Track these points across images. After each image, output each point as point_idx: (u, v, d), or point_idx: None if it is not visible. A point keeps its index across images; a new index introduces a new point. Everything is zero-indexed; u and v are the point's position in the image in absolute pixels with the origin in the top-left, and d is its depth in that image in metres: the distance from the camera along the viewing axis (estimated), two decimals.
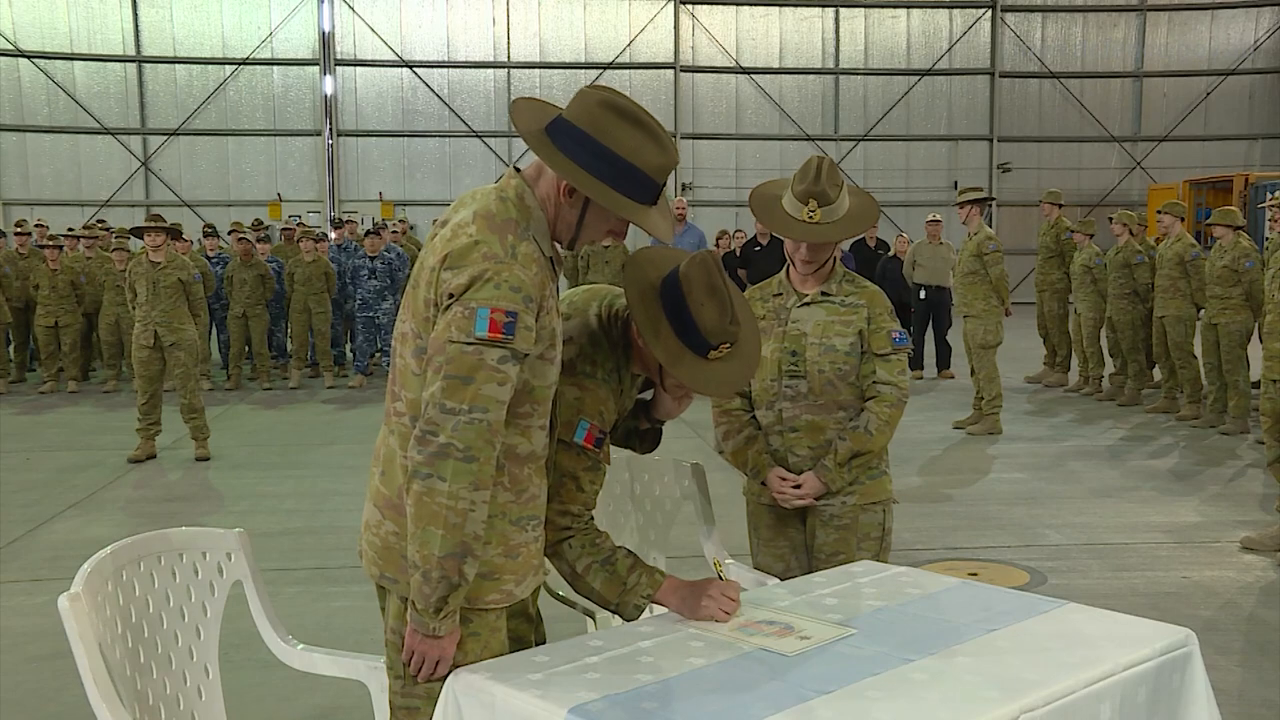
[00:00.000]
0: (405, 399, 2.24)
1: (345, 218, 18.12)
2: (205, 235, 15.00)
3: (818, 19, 24.64)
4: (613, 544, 2.49)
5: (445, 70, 23.70)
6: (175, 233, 9.29)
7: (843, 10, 24.62)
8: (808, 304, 3.36)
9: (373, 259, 12.95)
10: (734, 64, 24.31)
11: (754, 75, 24.42)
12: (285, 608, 4.40)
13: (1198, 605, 5.19)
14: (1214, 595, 5.35)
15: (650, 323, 2.39)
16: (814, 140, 24.29)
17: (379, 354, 13.51)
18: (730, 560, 3.37)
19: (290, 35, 23.20)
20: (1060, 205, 12.18)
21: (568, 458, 2.43)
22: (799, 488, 3.30)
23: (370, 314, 12.96)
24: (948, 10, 24.88)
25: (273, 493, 7.71)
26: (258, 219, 18.59)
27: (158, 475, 8.33)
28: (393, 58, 23.46)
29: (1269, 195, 11.65)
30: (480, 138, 23.70)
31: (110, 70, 22.84)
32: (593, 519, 2.52)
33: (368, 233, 13.62)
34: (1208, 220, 10.17)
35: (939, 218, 13.21)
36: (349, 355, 14.11)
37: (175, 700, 2.56)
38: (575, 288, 2.65)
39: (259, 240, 14.41)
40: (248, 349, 13.39)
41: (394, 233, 15.26)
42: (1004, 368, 10.05)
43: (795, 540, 3.44)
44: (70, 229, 15.82)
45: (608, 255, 11.26)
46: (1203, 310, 9.76)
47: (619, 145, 2.16)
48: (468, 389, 2.07)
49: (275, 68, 23.30)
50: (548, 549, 2.46)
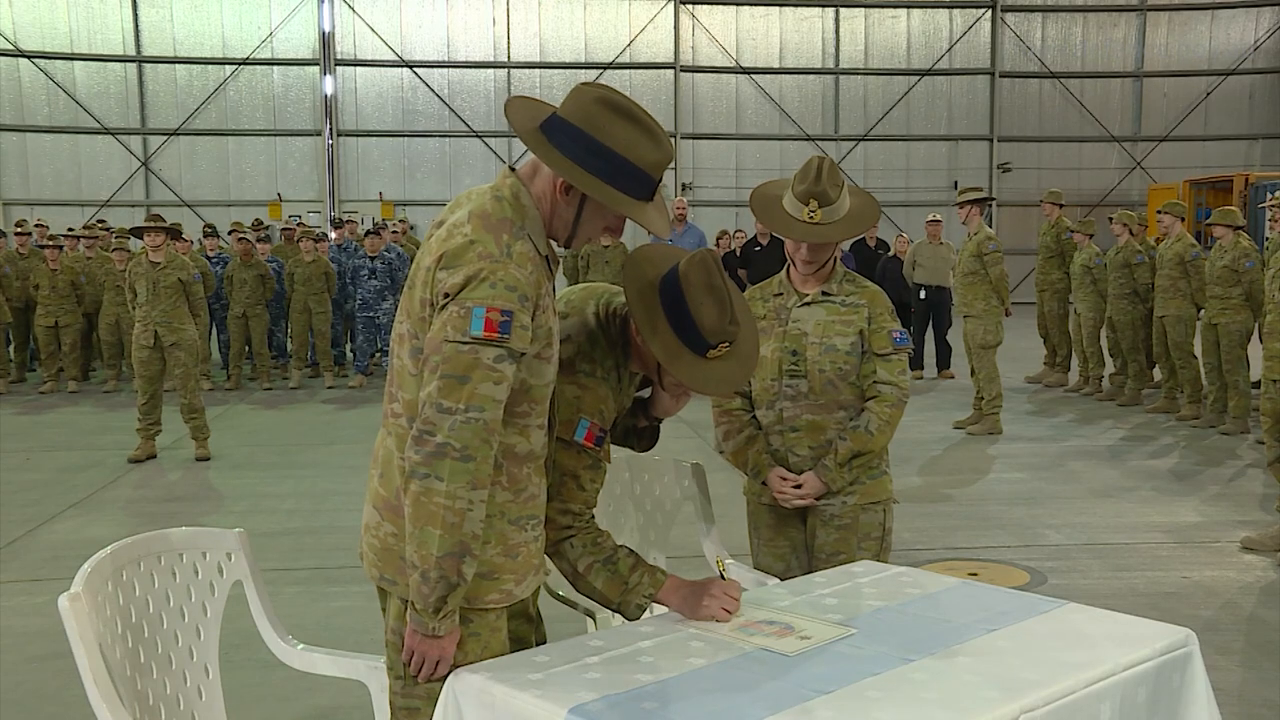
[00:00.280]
0: (402, 400, 2.23)
1: (345, 218, 18.11)
2: (205, 235, 15.00)
3: (818, 19, 24.64)
4: (614, 543, 2.49)
5: (445, 70, 23.69)
6: (175, 233, 9.30)
7: (843, 10, 24.61)
8: (808, 304, 3.36)
9: (373, 259, 12.95)
10: (734, 64, 24.30)
11: (754, 75, 24.41)
12: (285, 608, 4.40)
13: (1198, 605, 5.19)
14: (1214, 595, 5.35)
15: (649, 321, 2.39)
16: (814, 140, 24.28)
17: (379, 354, 13.51)
18: (730, 560, 3.36)
19: (290, 35, 23.20)
20: (1061, 205, 12.18)
21: (568, 456, 2.43)
22: (799, 487, 3.30)
23: (370, 314, 12.96)
24: (948, 10, 24.88)
25: (273, 493, 7.70)
26: (258, 219, 18.59)
27: (158, 475, 8.33)
28: (393, 58, 23.45)
29: (1269, 195, 11.65)
30: (480, 138, 23.69)
31: (110, 70, 22.84)
32: (594, 518, 2.52)
33: (368, 233, 13.63)
34: (1208, 220, 10.16)
35: (939, 218, 13.21)
36: (349, 355, 14.11)
37: (175, 700, 2.56)
38: (572, 286, 2.65)
39: (259, 240, 14.41)
40: (248, 349, 13.39)
41: (394, 233, 15.25)
42: (1004, 368, 10.04)
43: (795, 540, 3.43)
44: (70, 229, 15.81)
45: (607, 255, 11.26)
46: (1203, 310, 9.76)
47: (614, 141, 2.16)
48: (464, 388, 2.06)
49: (275, 68, 23.30)
50: (549, 548, 2.46)
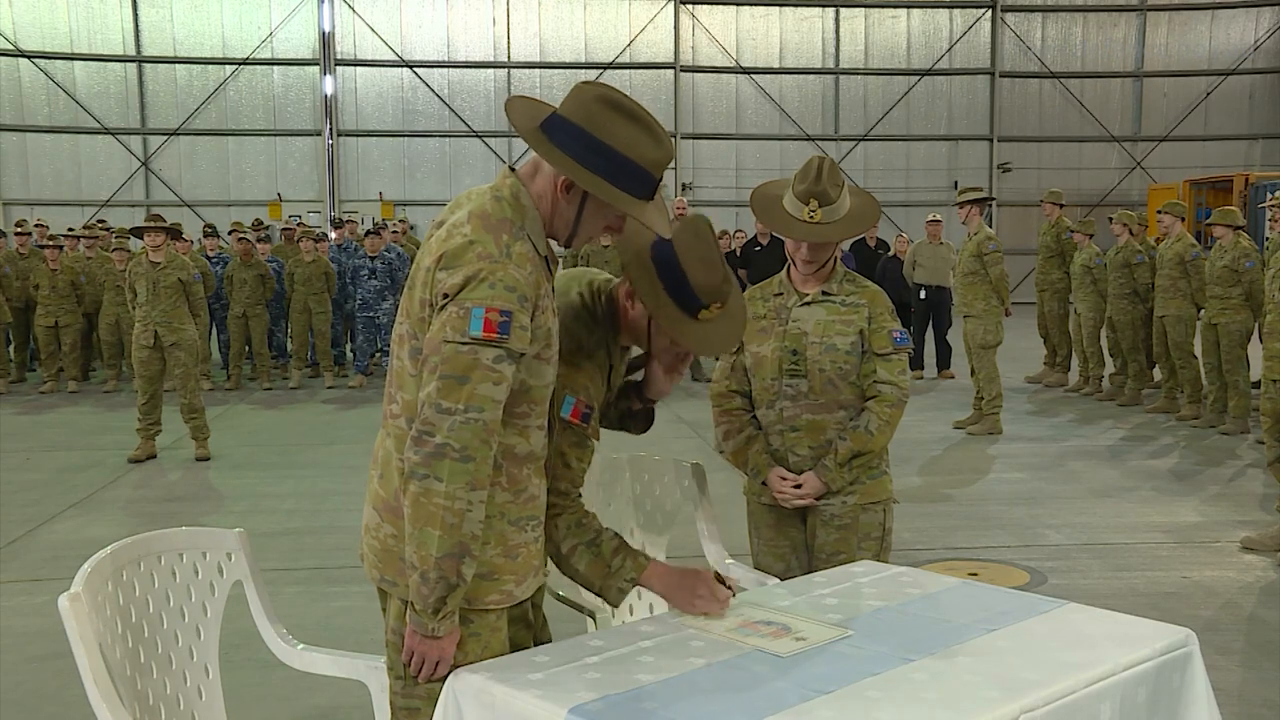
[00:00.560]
0: (401, 400, 2.23)
1: (345, 218, 18.12)
2: (205, 235, 15.00)
3: (818, 19, 24.64)
4: (600, 525, 2.48)
5: (445, 70, 23.69)
6: (175, 233, 9.30)
7: (843, 10, 24.62)
8: (808, 303, 3.36)
9: (373, 259, 12.95)
10: (734, 64, 24.30)
11: (754, 75, 24.41)
12: (285, 608, 4.40)
13: (1198, 605, 5.19)
14: (1214, 595, 5.35)
15: (648, 285, 2.42)
16: (814, 140, 24.28)
17: (379, 354, 13.52)
18: (730, 560, 3.36)
19: (290, 35, 23.20)
20: (1061, 205, 12.18)
21: (554, 435, 2.41)
22: (799, 487, 3.30)
23: (370, 314, 12.96)
24: (948, 10, 24.88)
25: (273, 493, 7.70)
26: (258, 219, 18.60)
27: (158, 475, 8.33)
28: (393, 58, 23.46)
29: (1269, 195, 11.65)
30: (480, 138, 23.69)
31: (110, 70, 22.84)
32: (581, 498, 2.51)
33: (368, 233, 13.63)
34: (1208, 220, 10.16)
35: (939, 218, 13.21)
36: (349, 355, 14.11)
37: (175, 700, 2.56)
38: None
39: (259, 240, 14.42)
40: (248, 349, 13.39)
41: (394, 233, 15.26)
42: (1004, 368, 10.04)
43: (796, 540, 3.43)
44: (70, 229, 15.81)
45: (607, 255, 11.27)
46: (1203, 310, 9.76)
47: (615, 140, 2.16)
48: (463, 389, 2.06)
49: (275, 68, 23.30)
50: None
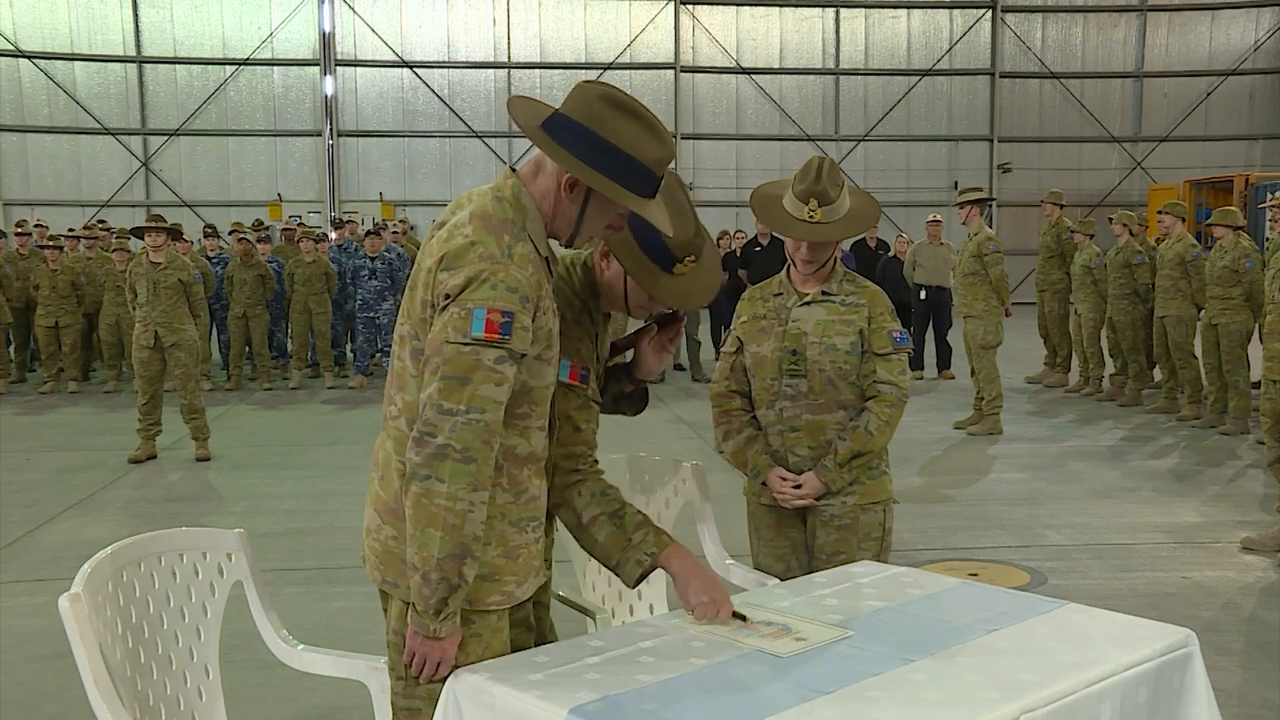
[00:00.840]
0: (401, 401, 2.24)
1: (345, 218, 18.11)
2: (206, 235, 15.00)
3: (818, 19, 24.63)
4: (623, 498, 2.51)
5: (445, 70, 23.68)
6: (175, 233, 9.30)
7: (843, 10, 24.61)
8: (808, 303, 3.36)
9: (373, 259, 12.95)
10: (734, 64, 24.30)
11: (754, 75, 24.41)
12: (285, 608, 4.39)
13: (1198, 606, 5.19)
14: (1214, 596, 5.35)
15: (622, 241, 2.45)
16: (814, 140, 24.28)
17: (379, 354, 13.51)
18: (730, 561, 3.37)
19: (290, 35, 23.19)
20: (1061, 205, 12.18)
21: (557, 399, 2.42)
22: (799, 488, 3.30)
23: (371, 314, 12.95)
24: (948, 10, 24.87)
25: (273, 493, 7.70)
26: (258, 219, 18.60)
27: (158, 475, 8.33)
28: (393, 58, 23.45)
29: (1269, 195, 11.65)
30: (481, 138, 23.69)
31: (110, 70, 22.84)
32: (598, 464, 2.54)
33: (368, 233, 13.62)
34: (1208, 220, 10.16)
35: (939, 218, 13.20)
36: (349, 356, 14.11)
37: (175, 700, 2.56)
38: None
39: (259, 240, 14.40)
40: (248, 349, 13.39)
41: (394, 233, 15.25)
42: (1004, 368, 10.04)
43: (796, 540, 3.43)
44: (70, 229, 15.80)
45: None
46: (1203, 310, 9.76)
47: (618, 138, 2.17)
48: (465, 390, 2.07)
49: (275, 68, 23.29)
50: (556, 498, 2.48)
